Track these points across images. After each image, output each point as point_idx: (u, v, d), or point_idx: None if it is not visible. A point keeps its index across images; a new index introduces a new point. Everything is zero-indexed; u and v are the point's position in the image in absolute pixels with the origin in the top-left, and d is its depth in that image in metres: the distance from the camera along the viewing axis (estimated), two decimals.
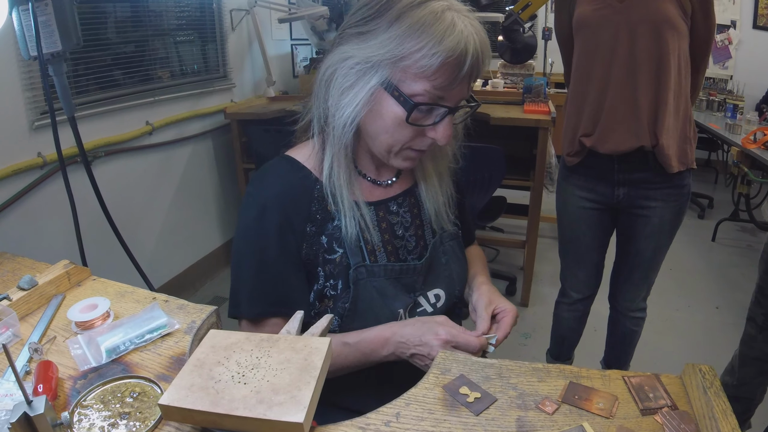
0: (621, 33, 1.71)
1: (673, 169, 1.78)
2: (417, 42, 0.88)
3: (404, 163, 1.02)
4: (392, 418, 0.71)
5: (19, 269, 1.14)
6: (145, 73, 2.98)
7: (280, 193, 1.01)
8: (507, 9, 3.11)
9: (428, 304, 1.12)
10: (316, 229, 1.02)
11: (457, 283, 1.16)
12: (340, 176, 1.01)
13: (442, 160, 1.14)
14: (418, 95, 0.91)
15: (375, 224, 1.07)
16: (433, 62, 0.87)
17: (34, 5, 1.60)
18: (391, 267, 1.06)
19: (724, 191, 4.94)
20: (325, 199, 1.02)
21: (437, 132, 0.96)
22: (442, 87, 0.90)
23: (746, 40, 5.68)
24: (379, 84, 0.92)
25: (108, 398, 0.74)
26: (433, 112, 0.95)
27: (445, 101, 0.93)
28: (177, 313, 0.95)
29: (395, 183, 1.13)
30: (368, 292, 1.03)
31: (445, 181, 1.15)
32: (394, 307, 1.05)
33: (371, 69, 0.92)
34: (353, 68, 0.93)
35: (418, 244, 1.12)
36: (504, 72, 4.15)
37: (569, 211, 2.04)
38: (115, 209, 2.12)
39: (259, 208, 1.01)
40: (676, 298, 3.30)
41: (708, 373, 0.74)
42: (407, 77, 0.91)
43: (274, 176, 1.05)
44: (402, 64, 0.90)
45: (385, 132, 0.96)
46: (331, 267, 1.03)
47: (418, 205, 1.14)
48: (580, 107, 1.88)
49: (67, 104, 1.83)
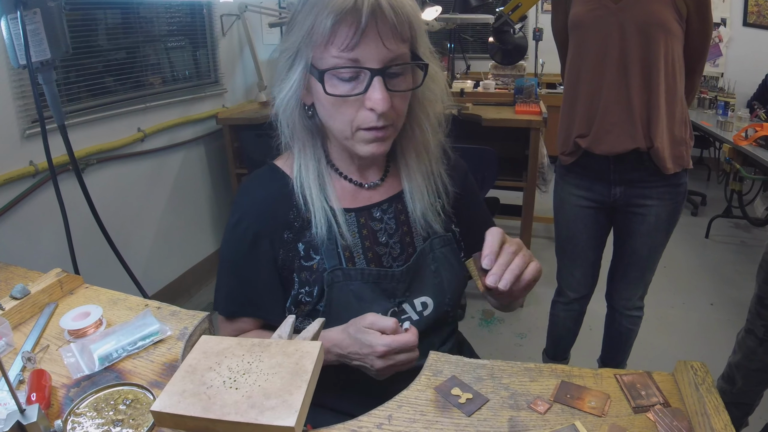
0: (613, 34, 1.72)
1: (669, 170, 1.79)
2: (311, 13, 0.88)
3: (368, 147, 0.97)
4: (384, 421, 0.71)
5: (12, 278, 1.13)
6: (136, 79, 2.98)
7: (257, 202, 1.06)
8: (497, 10, 3.12)
9: (414, 311, 1.09)
10: (293, 236, 1.04)
11: (447, 291, 1.12)
12: (309, 175, 1.02)
13: (426, 155, 1.10)
14: (330, 66, 0.90)
15: (356, 230, 1.06)
16: (327, 24, 0.86)
17: (23, 14, 1.60)
18: (368, 271, 1.05)
19: (717, 188, 4.96)
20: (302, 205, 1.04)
21: (370, 99, 0.91)
22: (348, 47, 0.88)
23: (736, 38, 5.71)
24: (304, 68, 0.93)
25: (101, 406, 0.74)
26: (359, 80, 0.92)
27: (363, 63, 0.90)
28: (169, 319, 0.95)
29: (381, 186, 1.11)
30: (344, 295, 1.03)
31: (432, 179, 1.11)
32: (372, 311, 1.02)
33: (296, 56, 0.93)
34: (285, 61, 0.95)
35: (405, 250, 1.10)
36: (495, 73, 4.17)
37: (566, 210, 2.04)
38: (107, 217, 2.11)
39: (237, 215, 1.06)
40: (670, 296, 3.31)
41: (700, 369, 0.75)
42: (318, 52, 0.91)
43: (254, 185, 1.10)
44: (312, 42, 0.90)
45: (329, 117, 0.96)
46: (307, 274, 1.04)
47: (405, 212, 1.11)
48: (573, 107, 1.88)
49: (57, 112, 1.82)
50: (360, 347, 0.92)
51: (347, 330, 0.95)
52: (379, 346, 0.89)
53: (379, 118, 0.93)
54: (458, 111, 3.16)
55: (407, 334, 0.91)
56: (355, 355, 0.93)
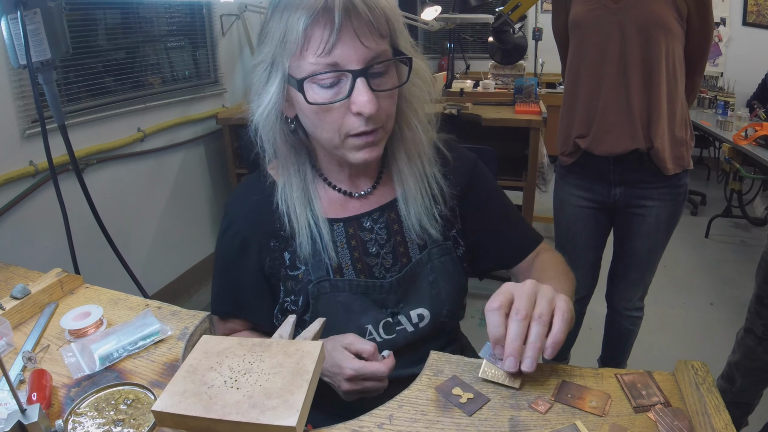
0: (613, 34, 1.71)
1: (669, 171, 1.78)
2: (281, 20, 0.85)
3: (360, 154, 0.93)
4: (385, 420, 0.71)
5: (12, 278, 1.13)
6: (135, 79, 2.98)
7: (246, 209, 1.07)
8: (497, 10, 3.13)
9: (409, 323, 1.05)
10: (279, 245, 1.04)
11: (445, 302, 1.07)
12: (293, 193, 1.00)
13: (418, 156, 1.04)
14: (309, 74, 0.85)
15: (344, 241, 1.03)
16: (299, 29, 0.82)
17: (23, 14, 1.60)
18: (357, 282, 1.02)
19: (717, 188, 4.96)
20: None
21: (356, 102, 0.86)
22: (325, 51, 0.83)
23: (736, 37, 5.71)
24: (282, 80, 0.89)
25: (102, 406, 0.74)
26: (341, 84, 0.87)
27: (343, 65, 0.85)
28: (170, 319, 0.95)
29: (372, 195, 1.07)
30: (331, 306, 1.01)
31: (425, 181, 1.05)
32: (361, 323, 1.02)
33: (272, 68, 0.90)
34: (261, 73, 0.92)
35: (398, 261, 1.05)
36: (495, 73, 4.17)
37: (566, 210, 2.04)
38: (107, 216, 2.11)
39: (227, 220, 1.07)
40: (670, 295, 3.31)
41: (700, 369, 0.75)
42: (294, 61, 0.86)
43: (244, 192, 1.10)
44: (286, 51, 0.86)
45: (315, 127, 0.92)
46: (292, 283, 1.03)
47: (399, 221, 1.06)
48: (573, 108, 1.88)
49: (57, 112, 1.82)
50: (331, 365, 0.92)
51: (325, 344, 0.93)
52: (348, 369, 0.89)
53: (367, 122, 0.88)
54: (458, 111, 3.16)
55: (378, 363, 0.90)
56: (325, 371, 0.93)
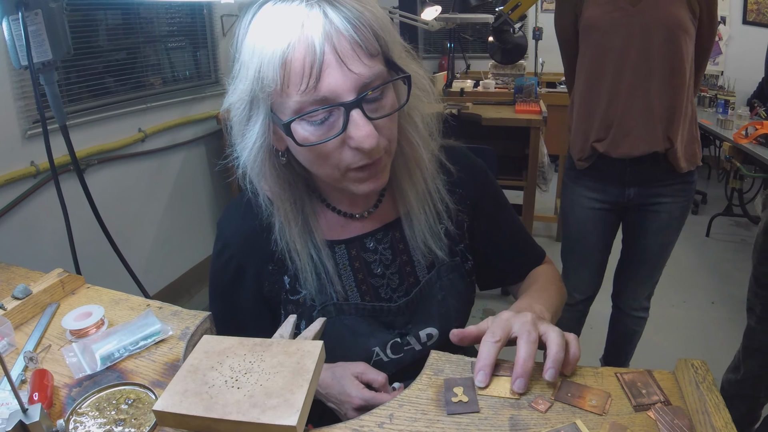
0: (634, 37, 1.69)
1: (683, 169, 1.80)
2: (253, 54, 0.75)
3: (365, 186, 0.85)
4: (386, 420, 0.71)
5: (13, 278, 1.13)
6: (136, 80, 2.99)
7: (239, 234, 1.01)
8: (497, 10, 3.12)
9: (418, 342, 1.02)
10: (277, 269, 1.00)
11: (454, 319, 1.04)
12: (292, 230, 0.94)
13: (420, 173, 0.97)
14: (294, 113, 0.76)
15: (347, 263, 0.99)
16: (275, 64, 0.72)
17: (25, 15, 1.60)
18: (363, 306, 0.99)
19: (717, 186, 4.96)
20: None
21: (353, 137, 0.77)
22: (310, 87, 0.73)
23: (736, 36, 5.71)
24: (265, 117, 0.79)
25: (103, 405, 0.74)
26: (334, 117, 0.77)
27: (333, 99, 0.75)
28: (171, 319, 0.95)
29: (374, 214, 1.01)
30: (337, 329, 0.97)
31: (429, 199, 0.99)
32: (368, 345, 0.99)
33: (251, 106, 0.80)
34: (240, 113, 0.82)
35: (405, 281, 1.01)
36: (495, 72, 4.17)
37: (576, 212, 2.03)
38: (108, 217, 2.11)
39: (220, 243, 1.04)
40: (671, 294, 3.31)
41: (700, 367, 0.75)
42: (276, 98, 0.77)
43: (236, 214, 1.03)
44: (265, 87, 0.75)
45: (311, 165, 0.85)
46: (293, 307, 1.00)
47: (404, 240, 1.01)
48: (591, 112, 1.85)
49: (59, 113, 1.83)
50: (339, 392, 0.90)
51: (333, 370, 0.92)
52: (357, 399, 0.87)
53: (368, 154, 0.79)
54: (458, 110, 3.16)
55: (388, 396, 0.87)
56: (332, 397, 0.91)
